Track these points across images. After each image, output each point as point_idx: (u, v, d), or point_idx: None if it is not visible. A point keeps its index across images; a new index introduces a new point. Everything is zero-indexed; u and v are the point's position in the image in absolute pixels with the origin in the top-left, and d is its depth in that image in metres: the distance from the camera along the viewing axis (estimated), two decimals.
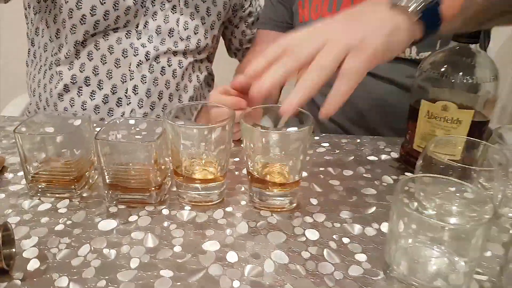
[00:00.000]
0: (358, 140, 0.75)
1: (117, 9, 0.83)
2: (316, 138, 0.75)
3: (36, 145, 0.56)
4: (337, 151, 0.71)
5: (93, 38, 0.85)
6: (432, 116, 0.63)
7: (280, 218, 0.54)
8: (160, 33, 0.89)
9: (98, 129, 0.55)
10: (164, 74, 0.91)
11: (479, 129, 0.63)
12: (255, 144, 0.54)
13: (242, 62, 1.11)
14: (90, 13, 0.83)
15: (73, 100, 0.88)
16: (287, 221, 0.54)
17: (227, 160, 0.57)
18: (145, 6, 0.87)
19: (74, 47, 0.86)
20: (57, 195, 0.56)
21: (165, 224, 0.52)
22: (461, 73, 0.60)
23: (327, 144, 0.73)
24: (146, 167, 0.55)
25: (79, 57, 0.86)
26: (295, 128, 0.58)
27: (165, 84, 0.91)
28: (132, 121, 0.61)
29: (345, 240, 0.51)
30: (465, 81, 0.60)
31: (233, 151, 0.70)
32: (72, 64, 0.87)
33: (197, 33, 0.93)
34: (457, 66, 0.61)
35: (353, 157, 0.69)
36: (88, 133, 0.59)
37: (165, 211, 0.55)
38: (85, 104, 0.88)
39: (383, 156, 0.70)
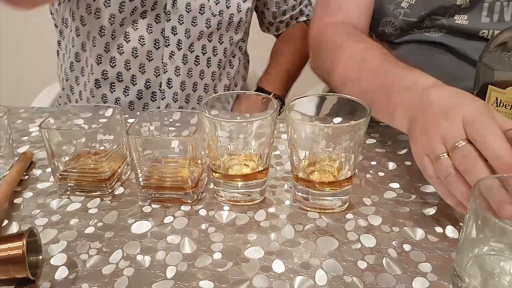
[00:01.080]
0: None
1: None
2: None
3: (64, 139, 0.52)
4: (389, 143, 0.64)
5: (122, 29, 0.80)
6: (502, 104, 0.55)
7: (330, 221, 0.48)
8: (190, 10, 0.82)
9: (130, 121, 0.51)
10: (198, 64, 0.86)
11: None
12: (300, 137, 0.48)
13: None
14: None
15: (105, 96, 0.85)
16: (339, 225, 0.48)
17: (269, 154, 0.51)
18: None
19: (100, 35, 0.81)
20: (87, 194, 0.53)
21: (203, 226, 0.47)
22: None
23: (377, 135, 0.66)
24: (182, 163, 0.50)
25: (108, 50, 0.82)
26: (340, 119, 0.52)
27: (200, 74, 0.87)
28: (165, 112, 0.57)
29: (406, 247, 0.45)
30: None
31: (274, 144, 0.64)
32: (100, 58, 0.82)
33: (230, 7, 0.87)
34: None
35: (407, 149, 0.62)
36: (120, 126, 0.55)
37: (202, 212, 0.50)
38: (118, 100, 0.84)
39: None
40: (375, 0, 0.80)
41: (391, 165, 0.59)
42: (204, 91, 0.88)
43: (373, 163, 0.59)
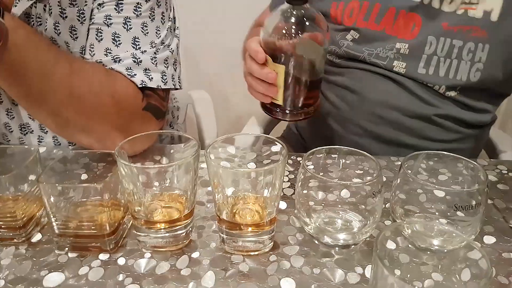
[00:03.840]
0: (343, 161, 0.68)
1: None
2: (299, 159, 0.69)
3: None
4: (321, 173, 0.64)
5: None
6: None
7: (253, 265, 0.48)
8: None
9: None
10: None
11: None
12: (222, 180, 0.48)
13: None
14: None
15: None
16: (261, 268, 0.47)
17: (194, 193, 0.50)
18: None
19: None
20: (2, 242, 0.50)
21: (120, 277, 0.46)
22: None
23: (310, 164, 0.66)
24: (99, 208, 0.49)
25: None
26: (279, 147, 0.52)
27: None
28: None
29: None
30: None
31: (205, 180, 0.63)
32: None
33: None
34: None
35: (337, 179, 0.63)
36: (39, 167, 0.53)
37: (121, 261, 0.48)
38: None
39: (368, 178, 0.64)
40: None
41: (321, 195, 0.59)
42: None
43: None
